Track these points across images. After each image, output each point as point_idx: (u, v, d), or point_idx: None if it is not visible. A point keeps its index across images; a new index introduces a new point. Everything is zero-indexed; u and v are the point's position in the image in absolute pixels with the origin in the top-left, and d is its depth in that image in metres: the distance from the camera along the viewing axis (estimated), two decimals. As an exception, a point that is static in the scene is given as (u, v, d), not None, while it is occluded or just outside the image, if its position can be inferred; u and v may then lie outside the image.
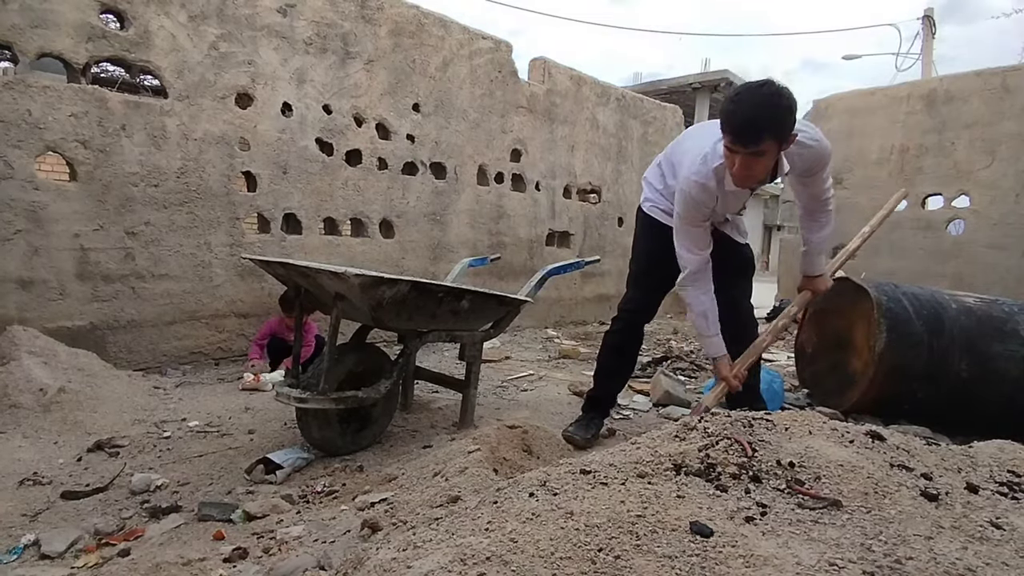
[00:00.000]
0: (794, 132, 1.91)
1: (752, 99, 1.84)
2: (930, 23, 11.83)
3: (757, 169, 1.93)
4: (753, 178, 1.99)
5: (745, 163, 1.91)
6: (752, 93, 1.86)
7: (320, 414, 2.34)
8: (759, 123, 1.83)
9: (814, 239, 2.44)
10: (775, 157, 1.93)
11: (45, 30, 3.05)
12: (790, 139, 1.91)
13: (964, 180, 6.20)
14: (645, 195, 2.61)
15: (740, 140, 1.86)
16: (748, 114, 1.83)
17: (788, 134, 1.89)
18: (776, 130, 1.86)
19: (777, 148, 1.90)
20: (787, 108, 1.85)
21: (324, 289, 2.35)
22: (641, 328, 2.65)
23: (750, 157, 1.89)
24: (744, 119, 1.84)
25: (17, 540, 1.77)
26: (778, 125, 1.86)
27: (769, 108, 1.83)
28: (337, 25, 4.16)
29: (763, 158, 1.90)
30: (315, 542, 1.65)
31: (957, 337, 2.95)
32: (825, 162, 2.18)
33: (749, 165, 1.91)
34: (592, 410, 2.68)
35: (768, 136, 1.85)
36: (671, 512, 0.85)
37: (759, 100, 1.83)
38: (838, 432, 1.15)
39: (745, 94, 1.87)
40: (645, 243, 2.59)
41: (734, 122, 1.87)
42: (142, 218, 3.43)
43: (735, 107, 1.86)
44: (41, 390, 2.71)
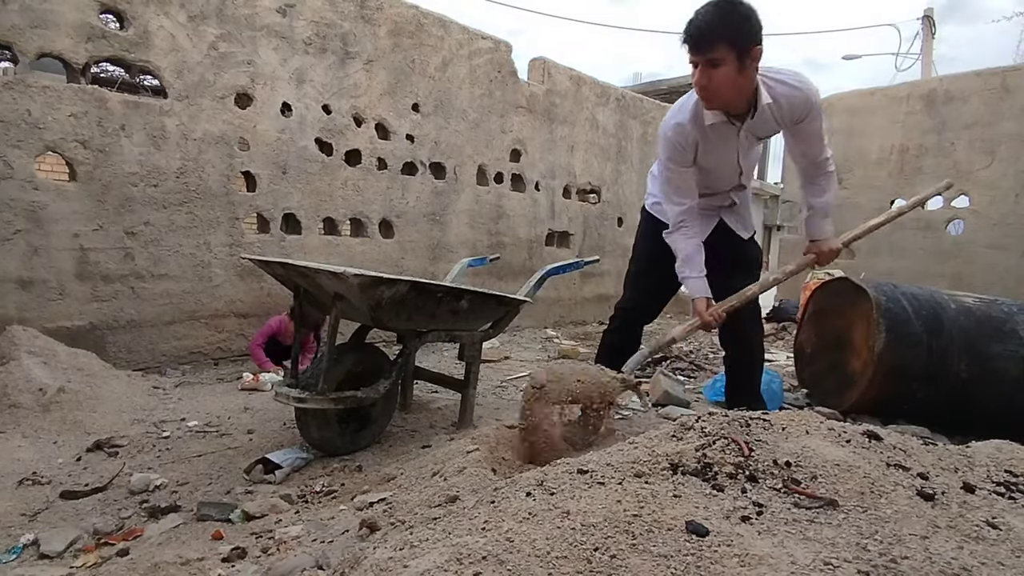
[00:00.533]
0: (756, 46, 1.88)
1: (707, 7, 1.87)
2: (930, 23, 11.83)
3: (716, 79, 1.91)
4: (719, 92, 1.95)
5: (704, 72, 1.90)
6: (709, 3, 1.88)
7: (319, 414, 2.35)
8: (711, 27, 1.85)
9: (816, 203, 2.36)
10: (736, 69, 1.90)
11: (45, 30, 3.06)
12: (751, 52, 1.88)
13: (964, 180, 6.20)
14: (649, 191, 2.57)
15: (694, 47, 1.88)
16: (702, 19, 1.86)
17: (746, 43, 1.87)
18: (730, 35, 1.85)
19: (735, 58, 1.88)
20: (743, 16, 1.86)
21: (323, 289, 2.35)
22: (638, 328, 2.63)
23: (707, 67, 1.89)
24: (697, 25, 1.86)
25: (16, 540, 1.77)
26: (731, 30, 1.85)
27: (722, 14, 1.85)
28: (336, 25, 4.16)
29: (721, 68, 1.88)
30: (313, 542, 1.65)
31: (956, 337, 2.95)
32: (813, 109, 2.11)
33: (708, 75, 1.90)
34: None
35: (721, 42, 1.85)
36: (667, 511, 0.86)
37: (712, 7, 1.86)
38: (835, 432, 1.15)
39: (703, 6, 1.89)
40: (646, 243, 2.57)
41: (689, 29, 1.88)
42: (141, 218, 3.43)
43: (692, 16, 1.89)
44: (41, 390, 2.71)
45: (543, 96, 5.82)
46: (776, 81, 2.03)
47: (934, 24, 11.94)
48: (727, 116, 2.05)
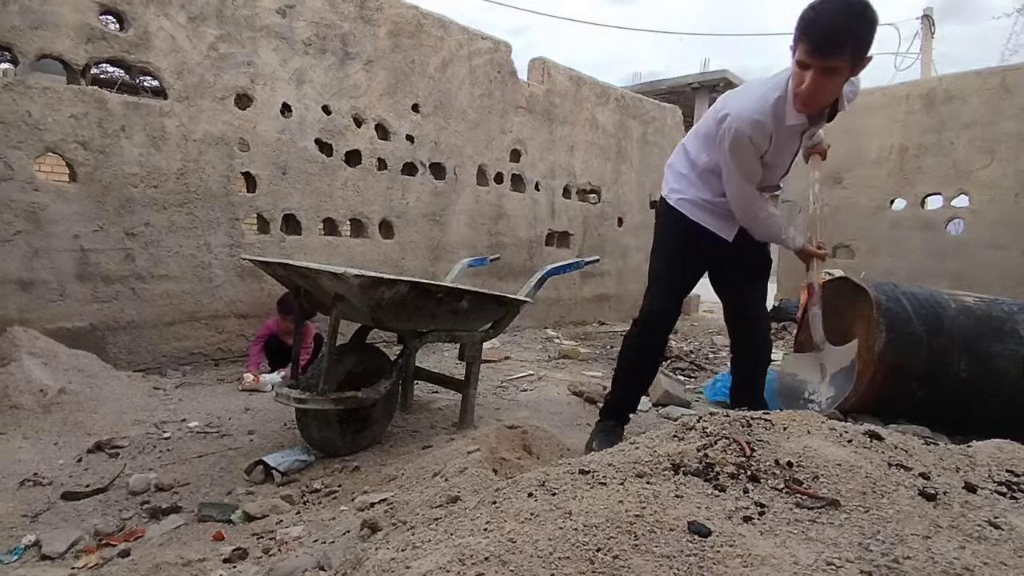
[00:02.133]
0: (869, 57, 1.76)
1: (838, 5, 1.69)
2: (929, 23, 11.84)
3: (828, 88, 1.80)
4: (822, 98, 1.85)
5: (817, 79, 1.76)
6: (843, 4, 1.70)
7: (320, 415, 2.35)
8: (843, 31, 1.68)
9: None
10: (845, 80, 1.80)
11: (45, 31, 3.06)
12: (863, 63, 1.77)
13: (963, 180, 6.20)
14: (670, 185, 2.39)
15: (820, 49, 1.71)
16: (832, 20, 1.68)
17: (865, 55, 1.75)
18: (858, 44, 1.72)
19: (850, 69, 1.77)
20: (872, 21, 1.72)
21: (324, 290, 2.35)
22: (668, 331, 2.47)
23: (824, 73, 1.75)
24: (828, 25, 1.69)
25: (18, 541, 1.77)
26: (861, 38, 1.72)
27: (855, 17, 1.69)
28: (336, 26, 4.16)
29: (836, 76, 1.76)
30: (315, 542, 1.65)
31: (956, 336, 2.95)
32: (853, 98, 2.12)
33: (821, 82, 1.76)
34: (612, 417, 2.51)
35: (849, 48, 1.71)
36: (669, 512, 0.86)
37: (845, 7, 1.69)
38: (836, 432, 1.15)
39: (830, 2, 1.71)
40: (673, 240, 2.38)
41: (816, 29, 1.70)
42: (142, 219, 3.43)
43: (817, 14, 1.71)
44: (41, 391, 2.71)
45: (543, 96, 5.83)
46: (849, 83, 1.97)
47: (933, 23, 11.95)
48: (808, 118, 1.98)
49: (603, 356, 4.88)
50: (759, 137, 1.97)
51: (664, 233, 2.44)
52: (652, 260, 2.48)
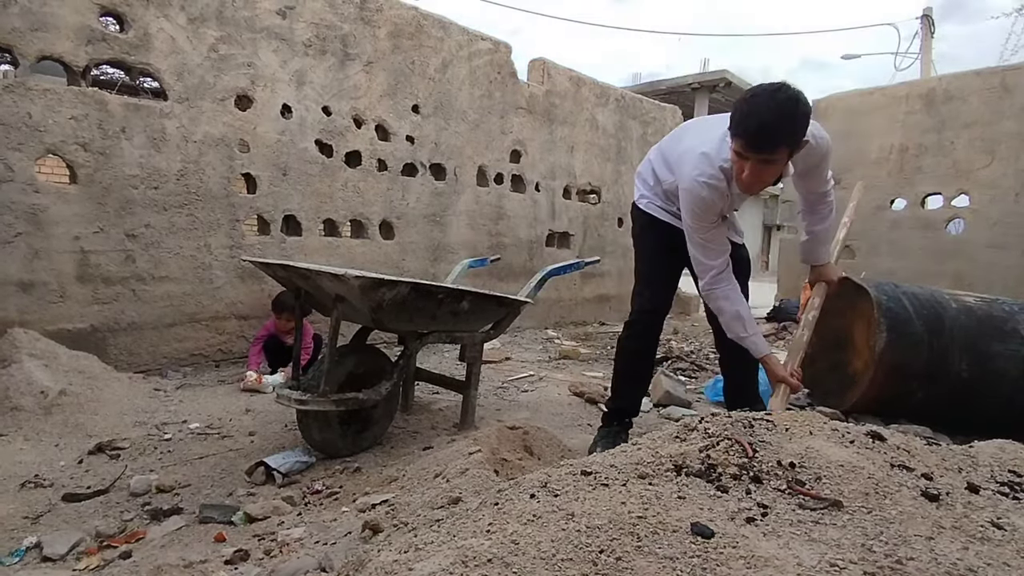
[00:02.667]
0: (806, 139, 1.84)
1: (768, 104, 1.76)
2: (929, 22, 11.84)
3: (767, 176, 1.87)
4: (762, 184, 1.92)
5: (755, 170, 1.84)
6: (769, 97, 1.77)
7: (321, 416, 2.35)
8: (775, 131, 1.76)
9: (817, 229, 2.37)
10: (785, 163, 1.87)
11: (45, 33, 3.06)
12: (800, 145, 1.85)
13: (963, 179, 6.20)
14: (640, 191, 2.51)
15: (753, 146, 1.79)
16: (764, 120, 1.75)
17: (801, 141, 1.83)
18: (791, 138, 1.79)
19: (788, 156, 1.84)
20: (803, 115, 1.79)
21: (324, 291, 2.36)
22: (659, 328, 2.53)
23: (761, 164, 1.83)
24: (759, 125, 1.76)
25: (19, 542, 1.77)
26: (793, 134, 1.79)
27: (785, 116, 1.76)
28: (336, 27, 4.17)
29: (774, 166, 1.84)
30: (316, 544, 1.65)
31: (957, 337, 2.95)
32: (825, 157, 2.13)
33: (759, 173, 1.85)
34: (615, 422, 2.52)
35: (783, 145, 1.79)
36: (672, 513, 0.85)
37: (775, 106, 1.75)
38: (839, 432, 1.15)
39: (761, 97, 1.78)
40: (648, 240, 2.50)
41: (748, 127, 1.78)
42: (142, 220, 3.43)
43: (749, 110, 1.78)
44: (42, 392, 2.71)
45: (543, 97, 5.83)
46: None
47: (933, 23, 11.95)
48: None
49: (603, 357, 4.87)
50: (716, 196, 2.04)
51: (640, 236, 2.55)
52: (635, 264, 2.58)
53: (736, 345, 2.49)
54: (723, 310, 2.19)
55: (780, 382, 2.17)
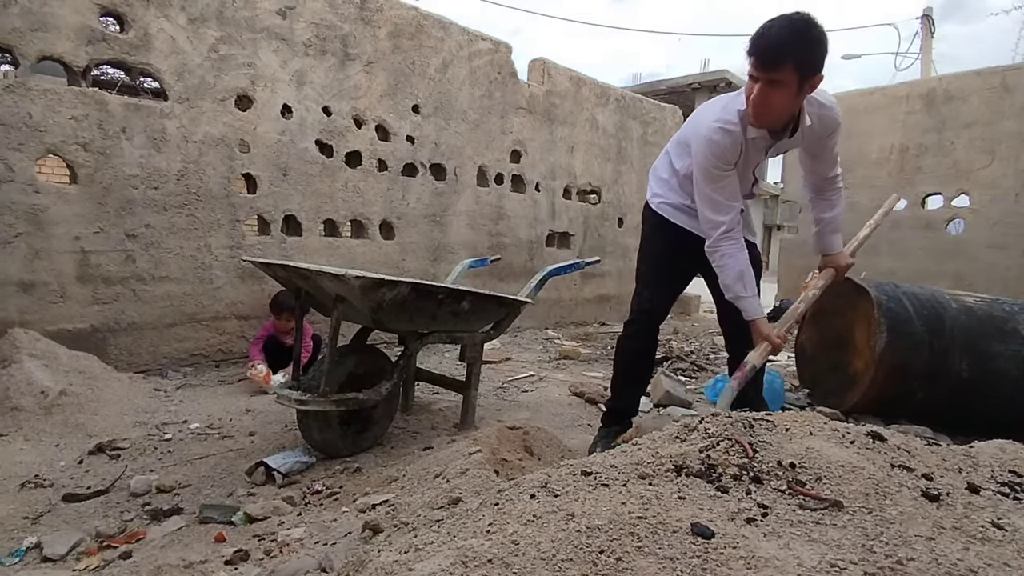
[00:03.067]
0: (819, 75, 1.82)
1: (781, 23, 1.78)
2: (929, 22, 11.84)
3: (775, 101, 1.85)
4: (771, 111, 1.89)
5: (763, 92, 1.83)
6: (783, 18, 1.79)
7: (321, 416, 2.35)
8: (783, 45, 1.76)
9: (827, 217, 2.33)
10: (794, 93, 1.84)
11: (45, 33, 3.06)
12: (813, 80, 1.83)
13: (964, 179, 6.20)
14: (653, 190, 2.48)
15: (761, 61, 1.80)
16: (773, 35, 1.77)
17: (812, 70, 1.81)
18: (800, 57, 1.77)
19: (797, 82, 1.81)
20: (815, 38, 1.78)
21: (324, 291, 2.35)
22: (657, 329, 2.53)
23: (769, 86, 1.82)
24: (769, 39, 1.77)
25: (19, 542, 1.77)
26: (803, 53, 1.77)
27: (796, 32, 1.76)
28: (336, 27, 4.16)
29: (782, 89, 1.82)
30: (316, 544, 1.65)
31: (957, 337, 2.95)
32: (838, 127, 2.11)
33: (767, 94, 1.84)
34: (614, 422, 2.52)
35: (790, 61, 1.77)
36: (672, 513, 0.85)
37: (787, 24, 1.77)
38: (839, 433, 1.15)
39: (776, 19, 1.80)
40: (655, 242, 2.47)
41: (759, 43, 1.79)
42: (142, 220, 3.43)
43: (763, 30, 1.80)
44: (42, 393, 2.71)
45: (543, 97, 5.83)
46: (809, 100, 1.98)
47: (933, 23, 11.95)
48: (769, 132, 2.02)
49: (604, 357, 4.87)
50: (731, 146, 2.02)
51: (647, 236, 2.53)
52: (638, 263, 2.56)
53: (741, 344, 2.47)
54: (725, 268, 2.14)
55: (764, 339, 2.11)
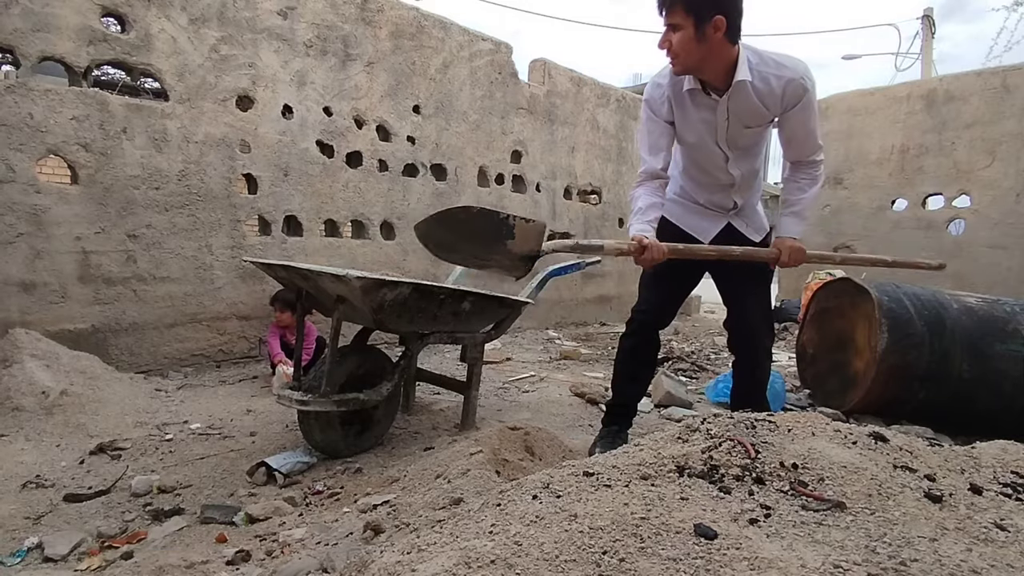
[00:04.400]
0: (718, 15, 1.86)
1: None
2: (930, 23, 11.83)
3: (676, 44, 1.92)
4: (674, 56, 1.96)
5: (665, 36, 1.94)
6: None
7: (322, 417, 2.35)
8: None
9: (792, 199, 2.21)
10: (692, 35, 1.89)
11: (47, 34, 3.06)
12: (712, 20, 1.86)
13: (964, 180, 6.20)
14: None
15: (658, 5, 1.93)
16: None
17: (705, 11, 1.86)
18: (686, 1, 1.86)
19: (694, 24, 1.87)
20: None
21: (325, 292, 2.35)
22: (655, 332, 2.49)
23: (670, 31, 1.92)
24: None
25: (20, 543, 1.77)
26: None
27: None
28: (337, 27, 4.17)
29: (680, 33, 1.90)
30: (317, 544, 1.65)
31: (959, 337, 2.95)
32: (806, 96, 2.02)
33: (668, 38, 1.93)
34: (614, 422, 2.51)
35: (676, 6, 1.87)
36: (675, 514, 0.85)
37: None
38: (841, 433, 1.15)
39: None
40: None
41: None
42: (143, 221, 3.43)
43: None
44: (43, 393, 2.71)
45: (544, 97, 5.83)
46: (764, 60, 1.99)
47: (934, 24, 11.94)
48: (703, 86, 2.04)
49: (604, 357, 4.87)
50: (656, 99, 2.14)
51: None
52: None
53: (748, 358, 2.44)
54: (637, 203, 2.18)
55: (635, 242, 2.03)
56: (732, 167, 2.20)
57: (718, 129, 2.11)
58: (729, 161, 2.19)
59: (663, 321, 2.49)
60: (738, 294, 2.36)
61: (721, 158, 2.18)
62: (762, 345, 2.41)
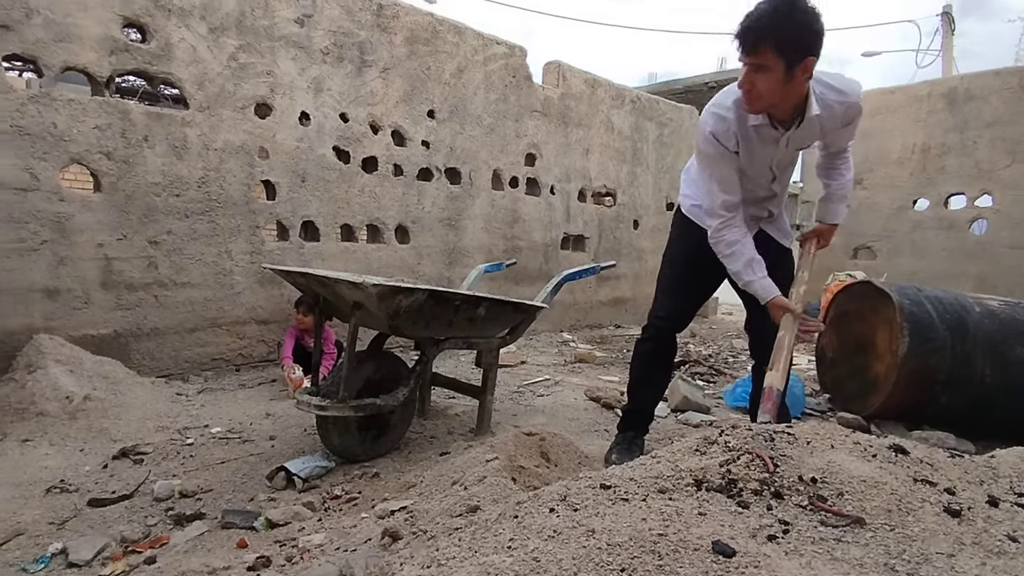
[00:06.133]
0: (809, 56, 1.77)
1: (763, 5, 1.75)
2: (949, 19, 11.64)
3: (760, 85, 1.82)
4: (758, 97, 1.86)
5: (748, 76, 1.81)
6: (767, 2, 1.75)
7: (340, 421, 2.37)
8: (761, 29, 1.73)
9: (835, 184, 2.28)
10: (781, 78, 1.80)
11: (69, 44, 3.12)
12: (803, 62, 1.77)
13: (986, 179, 6.10)
14: (683, 191, 2.42)
15: (742, 45, 1.78)
16: (754, 18, 1.74)
17: (797, 52, 1.76)
18: (779, 42, 1.73)
19: (783, 66, 1.77)
20: (799, 21, 1.74)
21: (342, 298, 2.38)
22: (673, 337, 2.48)
23: (754, 70, 1.80)
24: (749, 23, 1.75)
25: (44, 549, 1.80)
26: (783, 36, 1.73)
27: (775, 16, 1.73)
28: (353, 34, 4.20)
29: (767, 73, 1.78)
30: (336, 550, 1.66)
31: (981, 341, 2.91)
32: (859, 114, 2.06)
33: (751, 79, 1.81)
34: (630, 428, 2.51)
35: (770, 44, 1.74)
36: (693, 530, 0.85)
37: (768, 6, 1.74)
38: (861, 446, 1.14)
39: (761, 3, 1.77)
40: (681, 247, 2.40)
41: (740, 26, 1.77)
42: (164, 227, 3.48)
43: (747, 15, 1.78)
44: (67, 398, 2.77)
45: (558, 100, 5.82)
46: (826, 87, 1.95)
47: (953, 20, 11.75)
48: (771, 120, 1.97)
49: (619, 360, 4.86)
50: (722, 133, 1.99)
51: (674, 240, 2.46)
52: (662, 265, 2.51)
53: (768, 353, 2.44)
54: (732, 256, 2.11)
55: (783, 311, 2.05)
56: (775, 184, 2.23)
57: (774, 156, 2.12)
58: (775, 180, 2.22)
59: (681, 325, 2.48)
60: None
61: (768, 178, 2.21)
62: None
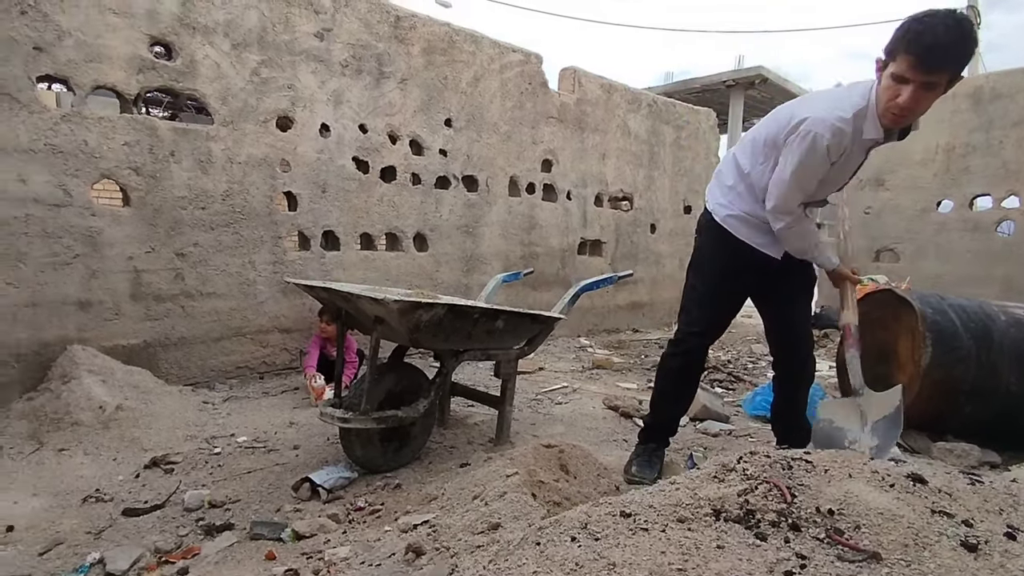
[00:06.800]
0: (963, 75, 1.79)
1: (946, 22, 1.69)
2: (975, 13, 11.40)
3: (924, 104, 1.77)
4: (916, 114, 1.83)
5: (915, 94, 1.75)
6: (946, 16, 1.70)
7: (363, 433, 2.42)
8: (950, 48, 1.69)
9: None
10: (939, 95, 1.79)
11: (99, 64, 3.21)
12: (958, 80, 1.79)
13: (1013, 180, 5.97)
14: (716, 200, 2.30)
15: (923, 64, 1.71)
16: (940, 36, 1.68)
17: (961, 73, 1.77)
18: (960, 62, 1.73)
19: (946, 86, 1.76)
20: (975, 40, 1.73)
21: (364, 312, 2.43)
22: (706, 351, 2.42)
23: (923, 88, 1.74)
24: (934, 41, 1.68)
25: (83, 558, 1.87)
26: (964, 57, 1.72)
27: (964, 36, 1.70)
28: (371, 46, 4.26)
29: (934, 92, 1.75)
30: (361, 564, 1.70)
31: (1007, 350, 2.86)
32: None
33: (918, 97, 1.75)
34: (651, 440, 2.48)
35: (952, 65, 1.72)
36: (712, 565, 0.87)
37: (954, 24, 1.69)
38: (879, 475, 1.15)
39: (937, 17, 1.70)
40: (715, 259, 2.31)
41: (923, 43, 1.70)
42: (191, 240, 3.57)
43: (923, 29, 1.70)
44: (100, 408, 2.85)
45: (574, 105, 5.84)
46: None
47: (979, 14, 11.50)
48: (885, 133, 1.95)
49: (637, 366, 4.86)
50: (836, 145, 1.93)
51: (707, 251, 2.35)
52: (691, 277, 2.41)
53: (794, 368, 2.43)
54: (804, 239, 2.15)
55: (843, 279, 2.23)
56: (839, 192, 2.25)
57: (859, 166, 2.12)
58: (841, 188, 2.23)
59: (714, 339, 2.43)
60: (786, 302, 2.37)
61: (839, 186, 2.20)
62: (810, 348, 2.43)
